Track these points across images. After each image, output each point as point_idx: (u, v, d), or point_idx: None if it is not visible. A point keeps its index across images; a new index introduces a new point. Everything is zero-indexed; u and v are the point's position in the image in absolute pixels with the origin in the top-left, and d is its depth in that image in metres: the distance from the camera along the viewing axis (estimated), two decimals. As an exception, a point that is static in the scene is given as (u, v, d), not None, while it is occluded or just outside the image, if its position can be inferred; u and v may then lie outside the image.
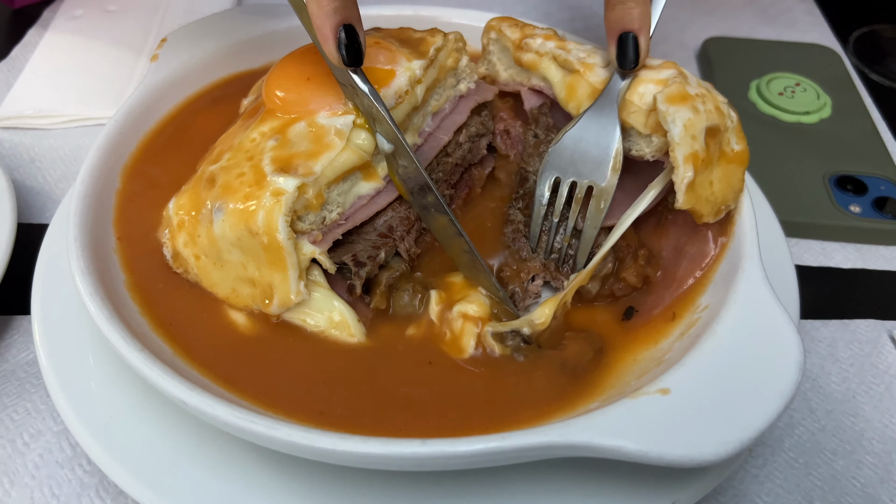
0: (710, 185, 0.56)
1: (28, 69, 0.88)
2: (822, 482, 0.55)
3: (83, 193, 0.58)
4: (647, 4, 0.56)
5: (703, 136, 0.55)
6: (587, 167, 0.57)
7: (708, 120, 0.55)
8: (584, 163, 0.57)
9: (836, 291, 0.69)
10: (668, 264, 0.59)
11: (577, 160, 0.57)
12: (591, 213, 0.57)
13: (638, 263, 0.58)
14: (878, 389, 0.61)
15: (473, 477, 0.48)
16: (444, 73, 0.62)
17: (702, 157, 0.54)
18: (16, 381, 0.59)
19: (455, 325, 0.54)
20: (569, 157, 0.58)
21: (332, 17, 0.50)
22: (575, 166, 0.58)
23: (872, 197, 0.75)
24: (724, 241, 0.57)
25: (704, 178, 0.55)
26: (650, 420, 0.44)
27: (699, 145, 0.54)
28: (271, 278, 0.53)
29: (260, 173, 0.53)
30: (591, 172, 0.57)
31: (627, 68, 0.57)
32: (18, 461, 0.54)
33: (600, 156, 0.57)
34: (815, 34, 1.02)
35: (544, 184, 0.59)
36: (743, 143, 0.59)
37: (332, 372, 0.52)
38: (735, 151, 0.58)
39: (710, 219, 0.56)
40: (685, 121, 0.54)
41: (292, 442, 0.43)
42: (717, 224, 0.57)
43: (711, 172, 0.56)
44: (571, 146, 0.58)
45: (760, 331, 0.49)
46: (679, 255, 0.59)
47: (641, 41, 0.56)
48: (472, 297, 0.56)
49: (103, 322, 0.49)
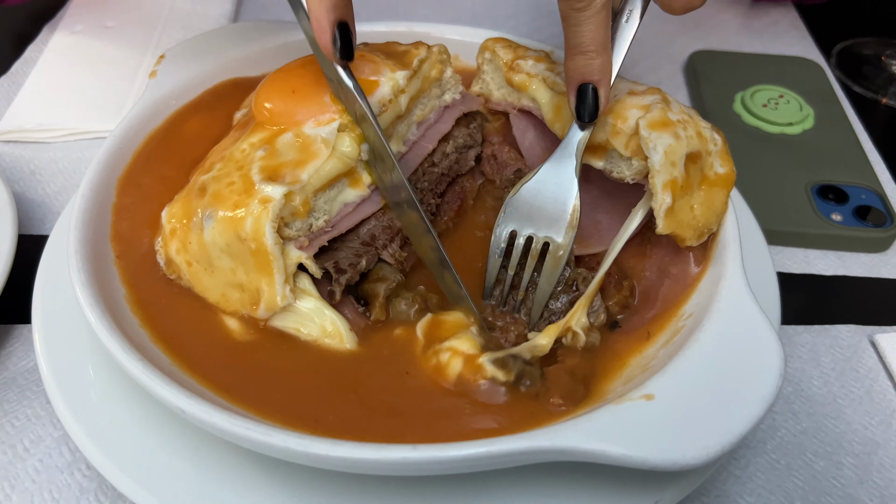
0: (690, 209, 0.57)
1: (28, 84, 0.90)
2: (803, 483, 0.56)
3: (83, 207, 0.59)
4: (608, 54, 0.55)
5: (683, 162, 0.56)
6: (544, 222, 0.58)
7: (689, 146, 0.57)
8: (541, 217, 0.58)
9: (818, 298, 0.71)
10: (652, 285, 0.60)
11: (533, 214, 0.58)
12: (547, 269, 0.57)
13: (622, 294, 0.59)
14: (858, 392, 0.63)
15: (464, 480, 0.50)
16: (428, 84, 0.64)
17: (681, 183, 0.56)
18: (16, 388, 0.60)
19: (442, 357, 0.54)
20: (526, 211, 0.58)
21: (331, 12, 0.52)
22: (532, 220, 0.58)
23: (853, 206, 0.77)
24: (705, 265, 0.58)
25: (685, 203, 0.57)
26: (634, 425, 0.45)
27: (678, 171, 0.56)
28: (259, 283, 0.54)
29: (249, 182, 0.55)
30: (548, 227, 0.57)
31: (586, 121, 0.56)
32: (19, 466, 0.55)
33: (557, 212, 0.57)
34: (799, 47, 1.04)
35: (500, 235, 0.59)
36: (728, 165, 0.60)
37: (325, 380, 0.53)
38: (718, 175, 0.60)
39: (692, 242, 0.57)
40: (666, 147, 0.55)
41: (287, 448, 0.44)
42: (699, 248, 0.59)
43: (692, 197, 0.58)
44: (529, 199, 0.58)
45: (742, 338, 0.50)
46: (662, 275, 0.60)
47: (601, 93, 0.55)
48: (462, 335, 0.55)
49: (103, 332, 0.50)
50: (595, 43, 0.54)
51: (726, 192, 0.59)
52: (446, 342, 0.54)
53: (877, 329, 0.67)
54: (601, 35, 0.54)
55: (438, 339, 0.55)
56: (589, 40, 0.54)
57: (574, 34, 0.55)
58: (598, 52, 0.55)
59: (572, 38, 0.55)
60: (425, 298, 0.59)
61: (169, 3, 1.05)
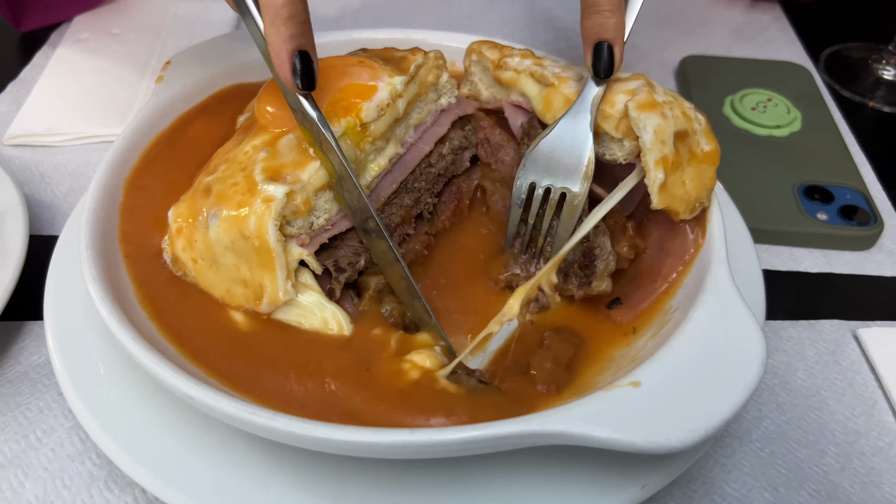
0: (682, 184, 0.60)
1: (37, 90, 0.92)
2: (786, 470, 0.58)
3: (94, 206, 0.61)
4: (622, 14, 0.59)
5: (672, 140, 0.59)
6: (561, 174, 0.61)
7: (676, 125, 0.59)
8: (559, 169, 0.61)
9: (803, 294, 0.73)
10: (653, 261, 0.63)
11: (551, 166, 0.61)
12: (565, 218, 0.61)
13: (628, 234, 0.62)
14: (841, 384, 0.65)
15: (460, 464, 0.52)
16: (424, 89, 0.66)
17: (671, 160, 0.58)
18: (28, 381, 0.62)
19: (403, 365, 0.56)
20: (544, 164, 0.62)
21: (288, 42, 0.52)
22: (550, 172, 0.61)
23: (839, 205, 0.79)
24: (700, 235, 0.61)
25: (676, 178, 0.60)
26: (622, 410, 0.47)
27: (668, 149, 0.58)
28: (262, 279, 0.56)
29: (252, 182, 0.57)
30: (564, 179, 0.61)
31: (602, 76, 0.60)
32: (32, 455, 0.57)
33: (574, 163, 0.60)
34: (788, 52, 1.06)
35: (520, 187, 0.62)
36: (713, 143, 0.63)
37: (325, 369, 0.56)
38: (705, 152, 0.62)
39: (686, 215, 0.60)
40: (655, 126, 0.58)
41: (291, 432, 0.46)
42: (693, 220, 0.61)
43: (683, 173, 0.60)
44: (546, 153, 0.61)
45: (727, 329, 0.52)
46: (662, 251, 0.63)
47: (616, 50, 0.59)
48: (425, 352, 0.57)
49: (114, 325, 0.52)
50: (610, 3, 0.58)
51: (713, 168, 0.62)
52: (408, 355, 0.57)
53: (860, 324, 0.70)
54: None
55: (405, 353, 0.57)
56: (605, 0, 0.58)
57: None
58: (612, 12, 0.58)
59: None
60: (403, 314, 0.60)
61: (172, 10, 1.07)
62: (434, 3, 1.14)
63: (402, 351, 0.57)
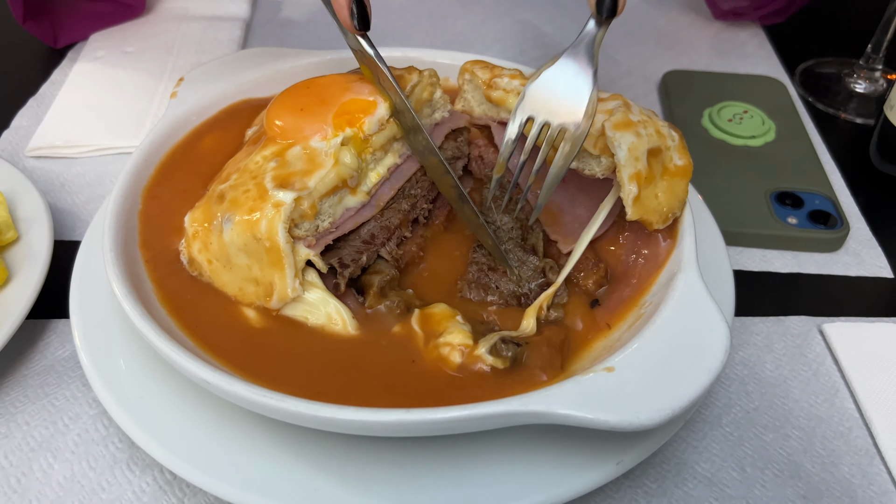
0: (655, 197, 0.65)
1: (56, 104, 0.98)
2: (752, 452, 0.64)
3: (115, 212, 0.67)
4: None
5: (646, 156, 0.64)
6: (561, 110, 0.60)
7: (649, 142, 0.65)
8: (559, 105, 0.60)
9: (773, 292, 0.79)
10: (628, 266, 0.68)
11: (551, 102, 0.61)
12: (560, 157, 0.60)
13: (598, 274, 0.67)
14: (806, 375, 0.70)
15: (450, 442, 0.57)
16: (420, 105, 0.72)
17: (644, 174, 0.64)
18: (55, 374, 0.67)
19: (443, 350, 0.60)
20: (544, 99, 0.61)
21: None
22: (549, 108, 0.61)
23: (808, 210, 0.85)
24: (672, 242, 0.66)
25: (650, 192, 0.65)
26: (597, 392, 0.52)
27: (642, 165, 0.64)
28: (272, 277, 0.62)
29: (262, 189, 0.62)
30: (564, 116, 0.60)
31: (604, 16, 0.60)
32: (60, 440, 0.62)
33: (575, 100, 0.60)
34: (765, 67, 1.12)
35: (516, 123, 0.62)
36: (686, 158, 0.68)
37: (329, 361, 0.61)
38: (678, 166, 0.68)
39: (659, 225, 0.65)
40: (629, 144, 0.63)
41: (298, 412, 0.51)
42: (666, 229, 0.66)
43: (656, 186, 0.65)
44: (547, 87, 0.61)
45: (694, 320, 0.57)
46: (636, 256, 0.68)
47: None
48: (452, 328, 0.62)
49: (137, 318, 0.58)
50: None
51: (686, 181, 0.67)
52: (441, 338, 0.61)
53: (825, 319, 0.75)
54: None
55: (434, 334, 0.62)
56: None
57: None
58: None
59: None
60: (409, 304, 0.65)
61: (183, 29, 1.13)
62: (430, 22, 1.20)
63: (430, 332, 0.62)
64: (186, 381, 0.59)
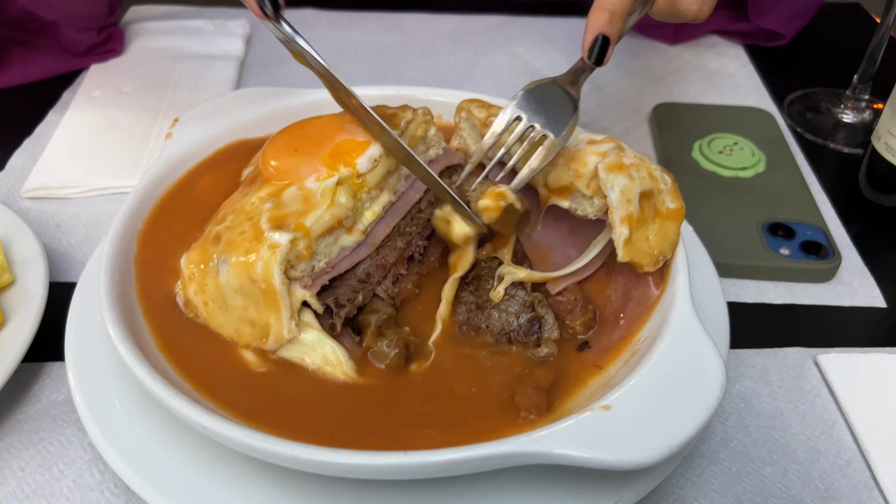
0: (646, 239, 0.66)
1: (51, 145, 0.99)
2: (751, 487, 0.63)
3: (111, 254, 0.67)
4: (621, 23, 0.68)
5: (638, 199, 0.65)
6: (547, 119, 0.68)
7: (642, 185, 0.65)
8: (546, 115, 0.68)
9: (768, 324, 0.79)
10: (618, 307, 0.69)
11: (539, 110, 0.68)
12: (536, 158, 0.67)
13: (587, 316, 0.67)
14: (802, 407, 0.70)
15: (450, 483, 0.57)
16: (414, 142, 0.73)
17: (636, 217, 0.64)
18: (50, 418, 0.67)
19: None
20: (534, 105, 0.69)
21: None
22: (537, 114, 0.68)
23: (800, 241, 0.85)
24: (664, 285, 0.66)
25: (641, 234, 0.65)
26: (594, 431, 0.52)
27: (634, 207, 0.64)
28: (268, 319, 0.62)
29: (258, 230, 0.63)
30: (549, 125, 0.68)
31: (592, 62, 0.69)
32: (55, 486, 0.62)
33: (560, 116, 0.68)
34: (754, 98, 1.14)
35: (506, 116, 0.69)
36: (678, 201, 0.69)
37: (328, 404, 0.61)
38: (669, 209, 0.68)
39: (650, 268, 0.66)
40: (622, 186, 0.64)
41: (295, 456, 0.51)
42: (657, 272, 0.67)
43: (647, 229, 0.66)
44: (539, 96, 0.69)
45: (689, 356, 0.58)
46: (627, 299, 0.68)
47: (610, 47, 0.68)
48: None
49: (132, 362, 0.58)
50: (620, 6, 0.67)
51: (678, 224, 0.67)
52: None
53: (820, 350, 0.75)
54: (626, 4, 0.68)
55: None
56: (616, 3, 0.67)
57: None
58: (618, 16, 0.67)
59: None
60: (407, 342, 0.65)
61: (177, 68, 1.14)
62: (424, 58, 1.22)
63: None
64: (183, 425, 0.59)
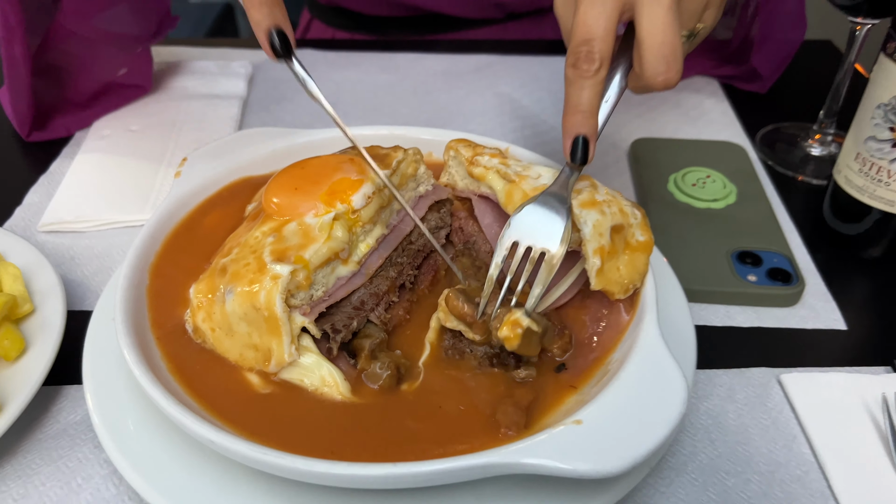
0: (617, 269, 0.72)
1: (65, 182, 1.05)
2: (716, 496, 0.69)
3: (125, 286, 0.72)
4: (596, 118, 0.70)
5: (609, 232, 0.71)
6: (541, 237, 0.69)
7: (613, 220, 0.72)
8: (539, 233, 0.70)
9: (735, 346, 0.85)
10: (592, 332, 0.74)
11: (533, 229, 0.70)
12: (542, 275, 0.69)
13: (563, 340, 0.72)
14: (765, 423, 0.76)
15: (438, 492, 0.62)
16: (405, 179, 0.79)
17: (607, 249, 0.70)
18: (68, 437, 0.72)
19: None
20: (527, 226, 0.70)
21: (262, 24, 0.68)
22: (531, 234, 0.70)
23: (767, 268, 0.91)
24: (633, 313, 0.72)
25: (612, 265, 0.71)
26: (566, 443, 0.57)
27: (605, 240, 0.70)
28: (270, 343, 0.67)
29: (261, 262, 0.68)
30: (544, 241, 0.69)
31: (577, 164, 0.71)
32: (74, 499, 0.67)
33: (553, 229, 0.69)
34: (728, 133, 1.21)
35: (503, 247, 0.70)
36: (647, 234, 0.75)
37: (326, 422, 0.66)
38: (639, 242, 0.74)
39: (620, 296, 0.71)
40: (594, 221, 0.70)
41: (295, 468, 0.57)
42: (627, 299, 0.73)
43: (618, 260, 0.72)
44: (529, 217, 0.71)
45: (654, 375, 0.63)
46: (598, 323, 0.74)
47: (590, 146, 0.70)
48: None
49: (147, 384, 0.63)
50: (591, 106, 0.69)
51: (646, 256, 0.73)
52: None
53: (783, 370, 0.81)
54: (596, 101, 0.69)
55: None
56: (586, 103, 0.69)
57: (575, 96, 0.69)
58: (591, 114, 0.69)
59: (573, 99, 0.69)
60: (398, 364, 0.70)
61: (184, 108, 1.21)
62: (416, 98, 1.28)
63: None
64: (192, 441, 0.64)
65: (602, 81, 0.69)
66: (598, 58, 0.68)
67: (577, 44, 0.69)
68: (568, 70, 0.69)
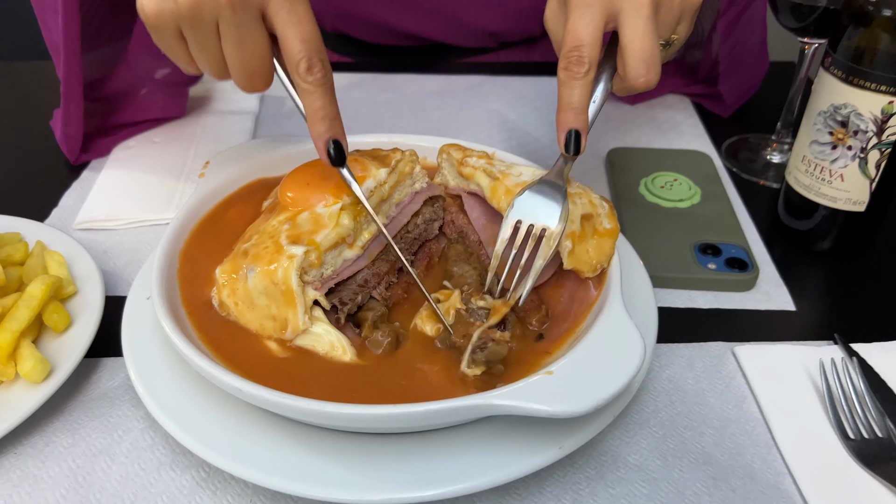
0: (587, 252, 0.83)
1: (96, 186, 1.16)
2: (674, 445, 0.78)
3: (159, 267, 0.83)
4: (587, 114, 0.80)
5: (580, 220, 0.82)
6: (542, 215, 0.80)
7: (583, 209, 0.83)
8: (540, 212, 0.80)
9: (696, 324, 0.95)
10: (565, 306, 0.85)
11: (534, 210, 0.80)
12: (543, 249, 0.79)
13: (540, 314, 0.83)
14: (720, 387, 0.86)
15: (430, 433, 0.72)
16: (403, 177, 0.90)
17: (578, 234, 0.82)
18: (108, 399, 0.82)
19: None
20: (528, 207, 0.81)
21: (323, 136, 0.78)
22: (532, 214, 0.80)
23: (725, 257, 1.02)
24: (601, 289, 0.83)
25: (582, 248, 0.82)
26: (540, 389, 0.67)
27: (576, 226, 0.82)
28: (287, 314, 0.77)
29: (279, 245, 0.79)
30: (544, 219, 0.80)
31: (570, 155, 0.81)
32: (116, 447, 0.77)
33: (552, 209, 0.80)
34: (697, 143, 1.32)
35: (508, 225, 0.81)
36: (613, 223, 0.86)
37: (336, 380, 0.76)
38: (606, 229, 0.85)
39: (589, 274, 0.82)
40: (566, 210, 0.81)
41: (310, 409, 0.66)
42: (596, 277, 0.84)
43: (587, 243, 0.83)
44: (531, 199, 0.81)
45: (617, 335, 0.72)
46: (572, 299, 0.85)
47: (582, 139, 0.80)
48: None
49: (183, 346, 0.73)
50: (581, 104, 0.79)
51: (612, 241, 0.84)
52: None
53: (737, 344, 0.91)
54: (585, 100, 0.79)
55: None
56: (577, 101, 0.79)
57: (567, 95, 0.79)
58: (582, 111, 0.79)
59: (565, 97, 0.79)
60: (397, 334, 0.81)
61: (202, 122, 1.33)
62: (412, 113, 1.40)
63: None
64: (217, 396, 0.75)
65: (591, 82, 0.79)
66: (587, 61, 0.78)
67: (568, 50, 0.79)
68: (560, 73, 0.80)
